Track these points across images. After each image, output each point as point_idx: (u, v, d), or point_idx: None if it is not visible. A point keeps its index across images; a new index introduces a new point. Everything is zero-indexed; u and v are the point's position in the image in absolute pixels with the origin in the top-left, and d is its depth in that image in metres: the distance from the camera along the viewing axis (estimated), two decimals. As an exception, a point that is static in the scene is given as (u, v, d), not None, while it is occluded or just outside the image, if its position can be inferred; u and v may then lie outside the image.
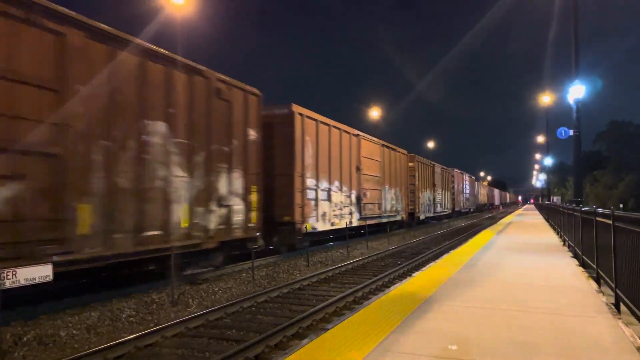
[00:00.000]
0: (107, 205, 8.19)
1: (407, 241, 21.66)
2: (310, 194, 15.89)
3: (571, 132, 15.08)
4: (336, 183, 18.06)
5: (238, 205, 11.91)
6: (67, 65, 7.55)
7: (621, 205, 58.77)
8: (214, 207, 10.95)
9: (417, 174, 30.41)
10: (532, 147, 74.18)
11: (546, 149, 44.20)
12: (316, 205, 16.29)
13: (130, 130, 8.81)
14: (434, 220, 36.79)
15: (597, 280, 7.77)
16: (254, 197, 12.59)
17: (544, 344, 4.53)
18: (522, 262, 10.12)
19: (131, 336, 6.57)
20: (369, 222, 21.29)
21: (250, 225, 12.38)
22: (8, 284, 6.30)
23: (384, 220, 23.95)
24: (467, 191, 55.95)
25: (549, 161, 46.11)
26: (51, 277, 6.89)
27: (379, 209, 23.09)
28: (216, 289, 10.23)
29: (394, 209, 25.65)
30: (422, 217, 31.92)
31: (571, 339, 4.69)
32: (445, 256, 11.53)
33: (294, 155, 14.88)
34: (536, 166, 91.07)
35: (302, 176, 15.31)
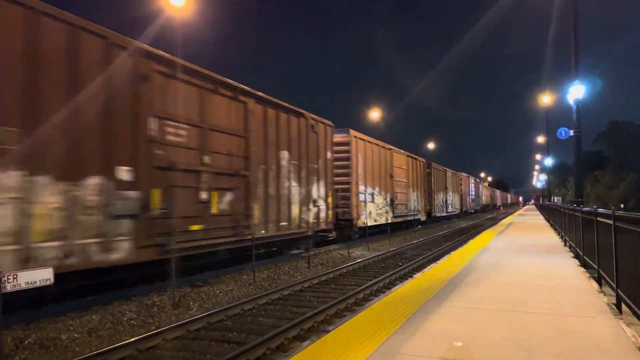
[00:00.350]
0: (264, 205, 12.92)
1: (408, 242, 21.64)
2: (362, 197, 20.57)
3: (571, 133, 15.09)
4: (377, 189, 22.73)
5: (322, 205, 16.51)
6: (247, 121, 12.32)
7: (622, 205, 58.75)
8: (311, 207, 15.64)
9: (432, 179, 34.83)
10: (533, 147, 74.22)
11: (546, 150, 44.21)
12: (365, 206, 20.94)
13: (273, 157, 13.54)
14: (445, 219, 40.24)
15: (598, 280, 7.76)
16: (330, 200, 17.17)
17: (545, 344, 4.53)
18: (523, 263, 10.12)
19: (132, 339, 6.56)
20: (399, 219, 26.28)
21: (328, 220, 17.02)
22: (9, 287, 6.30)
23: (409, 218, 28.59)
24: (473, 193, 60.60)
25: (549, 161, 46.11)
26: (52, 281, 6.89)
27: (406, 208, 27.74)
28: (217, 291, 10.23)
29: (416, 208, 30.09)
30: (437, 215, 36.22)
31: (573, 339, 4.68)
32: (447, 257, 11.52)
33: (352, 168, 19.77)
34: (536, 167, 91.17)
35: (357, 184, 20.02)
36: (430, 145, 72.29)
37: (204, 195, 10.62)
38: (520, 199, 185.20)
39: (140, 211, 8.89)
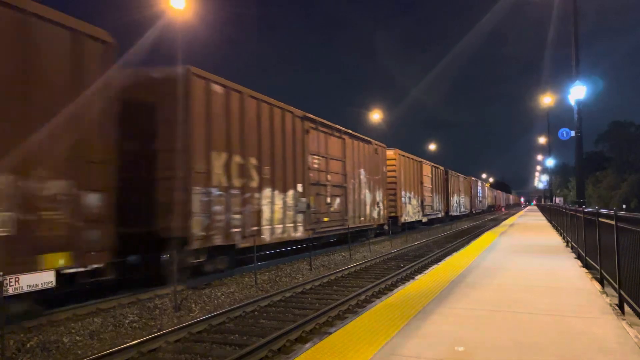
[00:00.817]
0: (353, 206, 19.73)
1: (410, 244, 21.63)
2: (403, 200, 27.44)
3: (573, 133, 15.07)
4: (412, 193, 29.70)
5: (381, 206, 23.71)
6: (344, 151, 19.09)
7: (624, 206, 58.58)
8: (375, 207, 22.65)
9: (449, 184, 41.68)
10: (534, 148, 74.07)
11: (548, 150, 44.14)
12: (405, 206, 27.93)
13: (357, 174, 20.44)
14: (458, 218, 47.02)
15: (601, 281, 7.74)
16: (384, 202, 24.31)
17: (548, 345, 4.51)
18: (526, 264, 10.10)
19: (134, 342, 6.56)
20: (427, 217, 33.36)
21: (384, 217, 24.05)
22: (11, 290, 6.31)
23: (432, 216, 35.18)
24: (480, 195, 68.73)
25: (550, 162, 46.03)
26: (54, 284, 6.90)
27: (431, 209, 34.85)
28: (219, 293, 10.23)
29: (438, 209, 37.16)
30: (452, 214, 43.47)
31: (575, 340, 4.67)
32: (448, 258, 11.50)
33: (397, 178, 26.76)
34: (538, 167, 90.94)
35: (400, 190, 27.01)
36: (432, 147, 72.22)
37: (328, 200, 17.54)
38: (522, 199, 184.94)
39: (306, 209, 15.62)
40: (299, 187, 15.17)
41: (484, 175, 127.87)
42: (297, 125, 15.30)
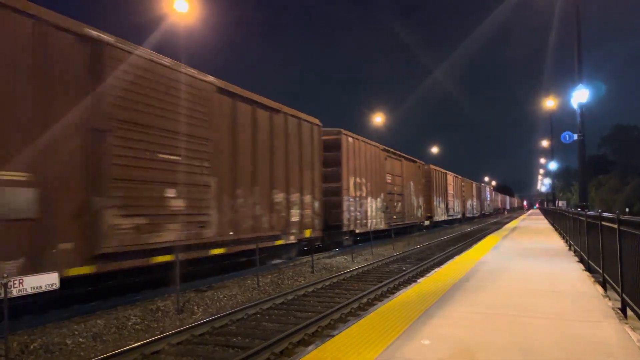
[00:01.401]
0: (408, 208, 28.18)
1: (412, 247, 21.62)
2: (435, 204, 34.96)
3: (575, 137, 15.06)
4: (440, 198, 37.14)
5: (422, 208, 31.42)
6: (402, 169, 27.32)
7: (627, 209, 58.40)
8: (418, 209, 30.61)
9: (465, 189, 49.50)
10: (537, 151, 74.01)
11: (551, 154, 44.07)
12: (436, 209, 35.58)
13: (408, 184, 28.28)
14: (472, 219, 55.25)
15: (603, 284, 7.74)
16: (423, 206, 31.90)
17: (550, 349, 4.52)
18: (528, 267, 10.09)
19: (137, 344, 6.58)
20: (450, 217, 40.85)
21: (423, 216, 32.09)
22: (15, 292, 6.34)
23: (454, 217, 42.97)
24: (488, 198, 78.12)
25: (553, 165, 45.94)
26: (57, 285, 6.93)
27: (453, 211, 42.60)
28: (221, 296, 10.24)
29: (457, 211, 45.01)
30: (467, 215, 51.56)
31: (577, 344, 4.67)
32: (450, 262, 11.50)
33: (431, 187, 34.44)
34: (541, 171, 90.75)
35: (433, 196, 34.73)
36: (434, 150, 72.22)
37: (395, 204, 25.29)
38: (525, 203, 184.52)
39: (386, 210, 23.35)
40: (382, 196, 23.43)
41: (486, 178, 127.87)
42: (381, 155, 23.66)
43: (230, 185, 11.81)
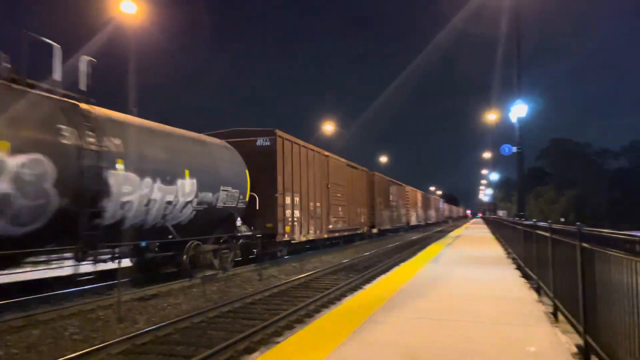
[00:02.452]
0: (399, 216, 45.53)
1: (360, 254, 21.89)
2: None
3: (515, 149, 15.78)
4: (384, 206, 37.67)
5: (404, 216, 48.29)
6: (399, 191, 46.53)
7: (562, 219, 61.60)
8: (404, 217, 48.35)
9: (410, 198, 52.97)
10: (480, 163, 76.88)
11: (492, 165, 45.94)
12: (412, 217, 52.54)
13: (400, 200, 46.50)
14: (417, 227, 59.09)
15: (538, 290, 8.13)
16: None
17: (488, 352, 4.72)
18: (469, 274, 10.46)
19: (74, 354, 6.32)
20: (395, 226, 43.07)
21: (407, 222, 50.20)
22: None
23: (398, 226, 45.01)
24: (442, 208, 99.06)
25: (494, 176, 47.90)
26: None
27: (398, 219, 45.06)
28: (165, 304, 10.00)
29: (402, 220, 47.68)
30: (413, 224, 55.51)
31: (513, 347, 4.90)
32: (396, 269, 11.74)
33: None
34: (483, 181, 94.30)
35: (410, 209, 51.86)
36: (384, 159, 73.65)
37: (394, 212, 41.39)
38: (469, 212, 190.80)
39: (390, 216, 40.63)
40: (390, 206, 38.51)
41: (432, 188, 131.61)
42: (386, 183, 38.33)
43: (348, 205, 27.44)
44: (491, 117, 35.47)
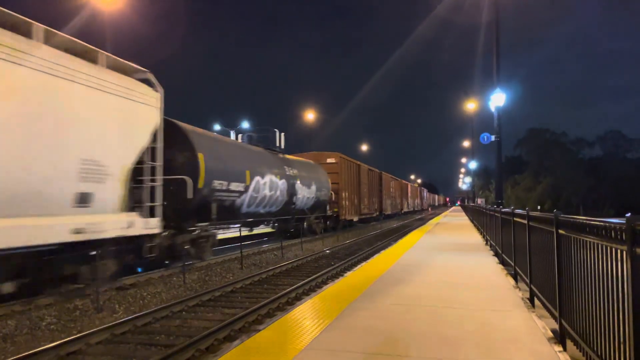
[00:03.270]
0: (396, 203, 54.78)
1: (341, 242, 21.99)
2: (404, 202, 60.36)
3: (493, 138, 15.96)
4: (405, 197, 61.39)
5: (399, 204, 59.84)
6: (396, 183, 57.18)
7: (539, 207, 62.73)
8: (399, 205, 59.13)
9: (412, 192, 66.59)
10: (459, 151, 77.81)
11: (471, 154, 46.44)
12: (404, 203, 62.72)
13: (395, 190, 56.65)
14: (412, 212, 72.20)
15: (515, 277, 8.28)
16: (400, 203, 58.43)
17: (466, 337, 4.79)
18: (448, 261, 10.59)
19: (51, 344, 6.24)
20: (405, 210, 61.11)
21: (400, 209, 59.80)
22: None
23: (407, 210, 62.31)
24: (425, 196, 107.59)
25: (473, 165, 48.44)
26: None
27: (407, 207, 60.73)
28: (145, 293, 9.92)
29: (410, 207, 61.54)
30: (408, 210, 65.92)
31: (490, 331, 4.98)
32: (377, 256, 11.83)
33: (402, 192, 59.52)
34: (462, 170, 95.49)
35: (402, 197, 60.67)
36: (364, 147, 73.90)
37: (391, 201, 49.89)
38: (448, 200, 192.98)
39: (392, 204, 50.81)
40: (391, 196, 47.45)
41: (412, 177, 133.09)
42: (389, 179, 47.60)
43: (369, 197, 38.58)
44: (470, 106, 35.78)
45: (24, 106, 7.68)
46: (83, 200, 8.89)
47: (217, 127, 44.42)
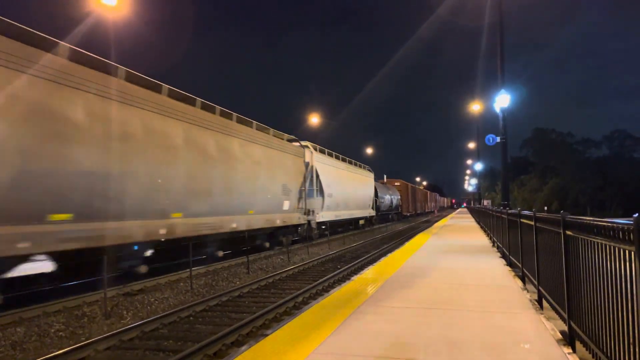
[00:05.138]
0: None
1: (347, 245, 21.97)
2: (424, 204, 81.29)
3: (498, 139, 15.91)
4: (424, 201, 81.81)
5: (426, 205, 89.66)
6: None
7: (545, 208, 62.40)
8: (426, 206, 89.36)
9: (428, 197, 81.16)
10: (465, 153, 77.67)
11: (477, 155, 46.30)
12: (424, 206, 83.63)
13: (419, 196, 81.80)
14: (419, 215, 75.10)
15: (522, 278, 8.23)
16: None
17: (474, 339, 4.77)
18: (455, 264, 10.55)
19: (60, 351, 6.27)
20: (420, 211, 76.00)
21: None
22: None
23: (423, 211, 77.09)
24: (438, 200, 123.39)
25: (479, 166, 48.30)
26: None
27: (424, 208, 79.12)
28: (152, 299, 9.95)
29: (426, 208, 72.86)
30: (426, 211, 77.70)
31: (498, 334, 4.96)
32: (383, 259, 11.80)
33: (411, 194, 66.91)
34: (468, 171, 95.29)
35: (422, 202, 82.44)
36: (369, 150, 73.88)
37: (418, 204, 72.21)
38: (454, 202, 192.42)
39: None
40: (416, 201, 67.48)
41: (417, 179, 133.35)
42: (414, 188, 67.60)
43: (412, 202, 67.31)
44: (475, 107, 35.70)
45: (269, 164, 18.32)
46: (283, 205, 19.56)
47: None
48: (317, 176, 24.57)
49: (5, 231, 7.71)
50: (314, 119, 42.02)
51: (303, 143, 23.28)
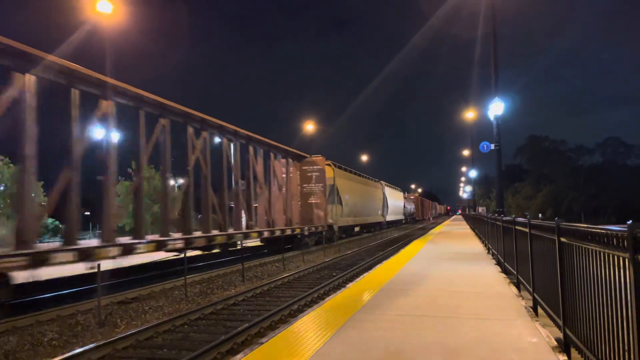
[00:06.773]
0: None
1: (343, 253, 21.95)
2: (427, 211, 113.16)
3: (492, 146, 15.98)
4: (428, 209, 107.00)
5: (428, 212, 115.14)
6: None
7: (540, 215, 62.61)
8: (428, 213, 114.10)
9: (430, 205, 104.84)
10: (459, 160, 78.01)
11: (471, 162, 46.51)
12: (426, 213, 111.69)
13: (424, 205, 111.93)
14: (415, 222, 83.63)
15: (517, 285, 8.25)
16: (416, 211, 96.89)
17: (470, 346, 4.77)
18: (450, 271, 10.56)
19: (53, 361, 6.23)
20: (419, 217, 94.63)
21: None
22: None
23: (424, 217, 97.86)
24: (436, 208, 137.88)
25: (473, 174, 48.48)
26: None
27: (425, 215, 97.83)
28: (147, 307, 9.89)
29: (427, 215, 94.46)
30: (428, 217, 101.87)
31: (494, 341, 4.96)
32: (378, 267, 11.79)
33: (417, 204, 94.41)
34: (462, 178, 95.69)
35: (426, 210, 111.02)
36: (364, 158, 74.09)
37: (428, 210, 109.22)
38: (449, 209, 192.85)
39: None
40: (427, 209, 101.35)
41: (412, 186, 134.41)
42: (421, 199, 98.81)
43: (421, 209, 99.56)
44: (469, 115, 35.91)
45: (375, 193, 49.81)
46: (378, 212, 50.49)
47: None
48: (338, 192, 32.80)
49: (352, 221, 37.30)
50: (309, 126, 42.14)
51: (326, 162, 28.59)
